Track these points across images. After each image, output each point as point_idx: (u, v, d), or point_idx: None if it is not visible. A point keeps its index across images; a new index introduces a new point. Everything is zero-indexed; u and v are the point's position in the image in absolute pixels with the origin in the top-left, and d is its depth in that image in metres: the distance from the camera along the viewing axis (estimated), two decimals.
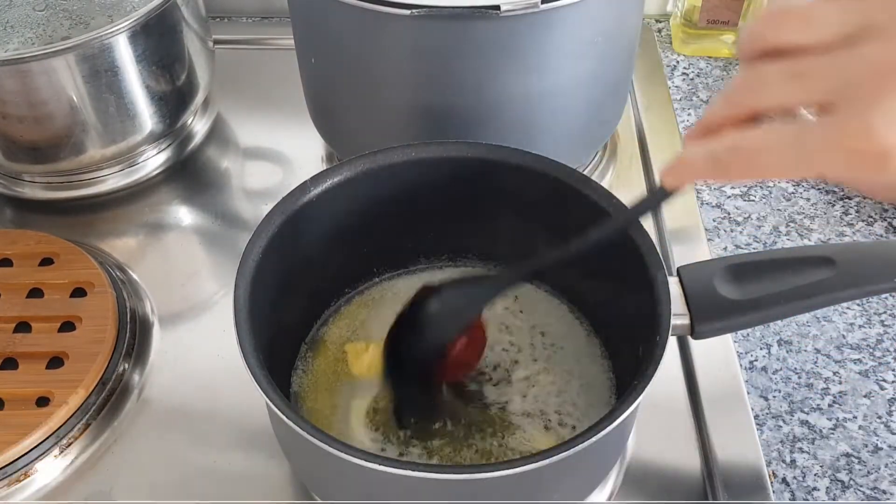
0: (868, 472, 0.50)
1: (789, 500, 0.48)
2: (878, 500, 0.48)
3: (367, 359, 0.50)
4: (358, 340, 0.52)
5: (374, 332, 0.53)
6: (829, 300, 0.43)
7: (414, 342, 0.45)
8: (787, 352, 0.56)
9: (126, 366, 0.55)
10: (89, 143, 0.64)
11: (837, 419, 0.52)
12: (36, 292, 0.58)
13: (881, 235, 0.64)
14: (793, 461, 0.50)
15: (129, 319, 0.57)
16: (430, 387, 0.47)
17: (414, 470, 0.35)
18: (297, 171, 0.70)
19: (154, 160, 0.71)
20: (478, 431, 0.47)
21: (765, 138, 0.30)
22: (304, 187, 0.47)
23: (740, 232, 0.65)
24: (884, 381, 0.54)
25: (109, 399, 0.53)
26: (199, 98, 0.72)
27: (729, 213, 0.66)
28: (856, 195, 0.67)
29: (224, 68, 0.78)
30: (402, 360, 0.46)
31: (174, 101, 0.68)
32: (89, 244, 0.64)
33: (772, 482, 0.48)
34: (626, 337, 0.47)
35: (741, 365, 0.55)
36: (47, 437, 0.50)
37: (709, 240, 0.63)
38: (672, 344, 0.50)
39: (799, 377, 0.55)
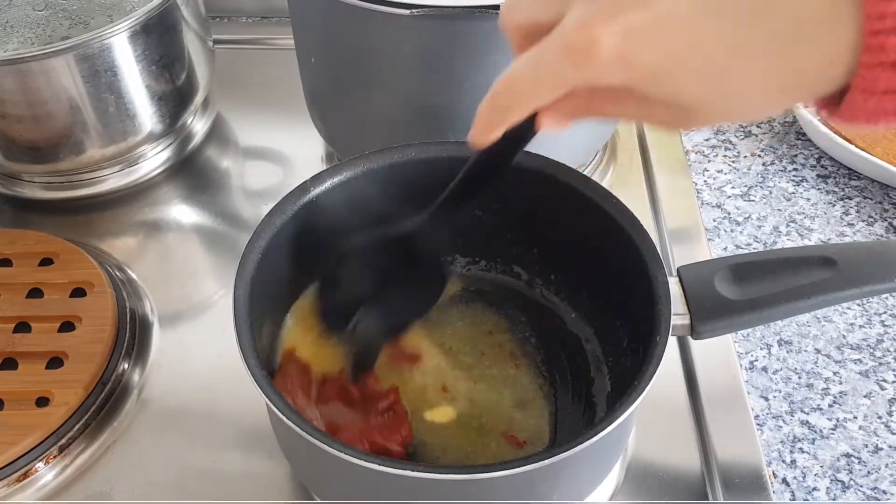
0: (868, 473, 0.50)
1: (789, 500, 0.48)
2: (878, 500, 0.48)
3: None
4: None
5: None
6: (829, 300, 0.43)
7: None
8: (788, 352, 0.56)
9: (126, 366, 0.55)
10: (89, 143, 0.65)
11: (837, 419, 0.52)
12: (36, 292, 0.58)
13: (881, 235, 0.64)
14: (793, 461, 0.50)
15: (128, 319, 0.57)
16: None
17: (414, 470, 0.35)
18: (297, 171, 0.70)
19: (154, 160, 0.71)
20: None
21: (515, 66, 0.30)
22: (304, 187, 0.47)
23: (740, 232, 0.65)
24: (884, 381, 0.54)
25: (109, 399, 0.53)
26: (199, 98, 0.72)
27: (729, 213, 0.66)
28: (856, 195, 0.67)
29: (224, 68, 0.78)
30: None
31: (174, 100, 0.68)
32: (89, 244, 0.64)
33: (772, 482, 0.48)
34: (625, 337, 0.47)
35: (741, 365, 0.55)
36: (47, 437, 0.50)
37: (709, 240, 0.63)
38: (672, 344, 0.50)
39: (799, 377, 0.55)
